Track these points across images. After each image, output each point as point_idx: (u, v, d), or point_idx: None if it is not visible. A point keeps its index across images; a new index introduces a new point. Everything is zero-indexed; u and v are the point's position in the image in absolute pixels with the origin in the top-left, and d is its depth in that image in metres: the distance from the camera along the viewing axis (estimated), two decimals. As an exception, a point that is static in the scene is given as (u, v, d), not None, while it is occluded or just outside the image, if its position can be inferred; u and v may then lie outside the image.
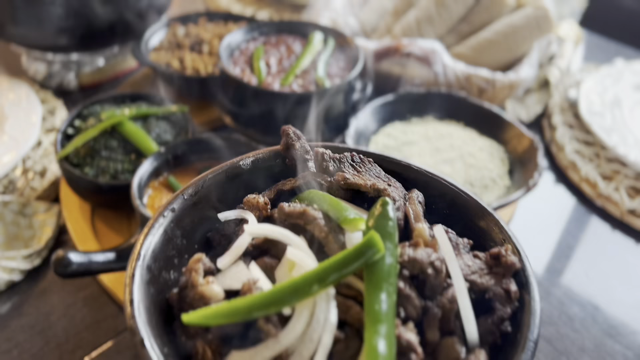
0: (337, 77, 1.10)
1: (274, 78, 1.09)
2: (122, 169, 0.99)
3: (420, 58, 1.20)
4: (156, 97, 1.13)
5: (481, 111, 1.15)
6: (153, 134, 1.04)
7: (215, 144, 0.97)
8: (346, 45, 1.17)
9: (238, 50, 1.16)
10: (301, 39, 1.21)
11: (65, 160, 1.00)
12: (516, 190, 0.98)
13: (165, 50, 1.35)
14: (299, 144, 0.57)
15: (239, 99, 1.08)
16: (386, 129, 1.14)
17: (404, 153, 1.05)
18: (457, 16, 1.33)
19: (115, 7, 1.28)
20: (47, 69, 1.39)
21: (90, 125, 1.04)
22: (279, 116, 1.05)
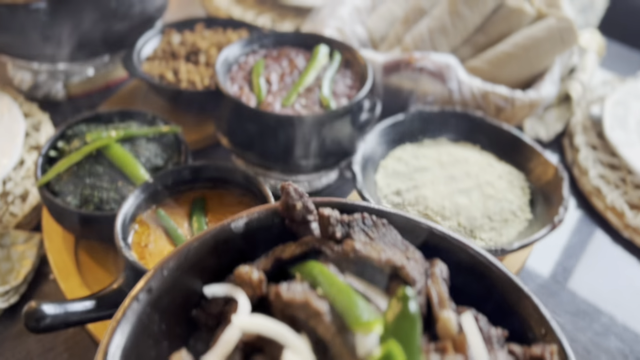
0: (343, 97, 1.01)
1: (275, 97, 1.00)
2: (108, 198, 0.90)
3: (434, 73, 1.11)
4: (147, 115, 1.05)
5: (500, 133, 1.06)
6: (142, 158, 0.95)
7: (210, 173, 0.89)
8: (354, 59, 1.08)
9: (236, 64, 1.07)
10: (305, 51, 1.12)
11: (45, 187, 0.92)
12: (539, 226, 0.89)
13: (159, 60, 1.26)
14: (301, 204, 0.49)
15: (237, 120, 0.99)
16: (396, 152, 1.05)
17: (416, 181, 0.96)
18: (472, 26, 1.24)
19: (105, 14, 1.19)
20: (33, 79, 1.30)
21: (74, 148, 0.95)
22: (279, 140, 0.96)
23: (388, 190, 0.97)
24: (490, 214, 0.92)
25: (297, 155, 0.97)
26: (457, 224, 0.90)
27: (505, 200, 0.94)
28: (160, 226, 0.84)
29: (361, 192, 0.89)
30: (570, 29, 1.16)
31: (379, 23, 1.37)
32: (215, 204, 0.88)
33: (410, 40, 1.24)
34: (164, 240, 0.82)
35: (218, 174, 0.89)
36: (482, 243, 0.89)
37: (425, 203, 0.92)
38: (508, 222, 0.92)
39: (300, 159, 0.98)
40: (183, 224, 0.85)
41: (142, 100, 1.30)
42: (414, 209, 0.92)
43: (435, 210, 0.91)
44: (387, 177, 0.99)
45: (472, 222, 0.90)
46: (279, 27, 1.56)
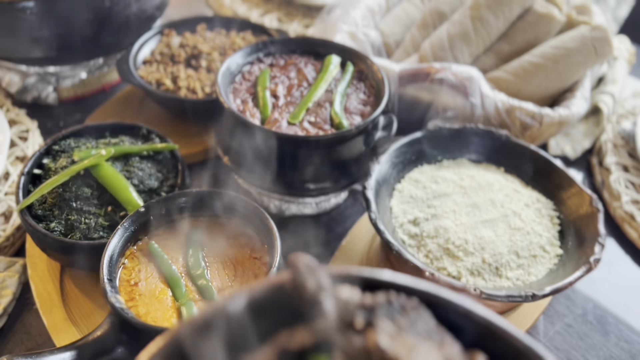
0: (356, 114, 0.92)
1: (281, 112, 0.91)
2: (96, 224, 0.82)
3: (455, 86, 1.02)
4: (141, 128, 0.96)
5: (527, 155, 0.96)
6: (135, 179, 0.87)
7: (208, 200, 0.80)
8: (368, 71, 0.98)
9: (240, 74, 0.98)
10: (314, 60, 1.03)
11: (27, 210, 0.83)
12: (572, 265, 0.81)
13: (157, 64, 1.17)
14: (313, 282, 0.40)
15: (239, 138, 0.90)
16: (413, 173, 0.96)
17: (436, 209, 0.87)
18: (496, 33, 1.14)
19: (98, 14, 1.09)
20: (21, 81, 1.21)
21: (61, 167, 0.87)
22: (285, 161, 0.87)
23: (404, 218, 0.88)
24: (518, 249, 0.83)
25: (305, 178, 0.89)
26: (482, 261, 0.81)
27: (534, 233, 0.86)
28: (153, 261, 0.76)
29: (376, 225, 0.80)
30: (605, 40, 1.06)
31: (394, 26, 1.27)
32: (214, 235, 0.80)
33: (428, 46, 1.14)
34: (156, 278, 0.74)
35: (217, 202, 0.80)
36: (509, 283, 0.80)
37: (446, 236, 0.83)
38: (537, 259, 0.84)
39: (308, 182, 0.89)
40: (178, 259, 0.76)
41: (138, 106, 1.21)
42: (433, 241, 0.83)
43: (457, 245, 0.82)
44: (403, 203, 0.91)
45: (498, 259, 0.81)
46: (286, 27, 1.47)
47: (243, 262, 0.76)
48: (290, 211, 1.01)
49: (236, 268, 0.75)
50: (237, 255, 0.77)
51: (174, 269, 0.74)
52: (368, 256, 0.94)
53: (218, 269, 0.75)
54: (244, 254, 0.77)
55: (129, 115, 1.19)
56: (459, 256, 0.82)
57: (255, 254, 0.77)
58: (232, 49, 1.20)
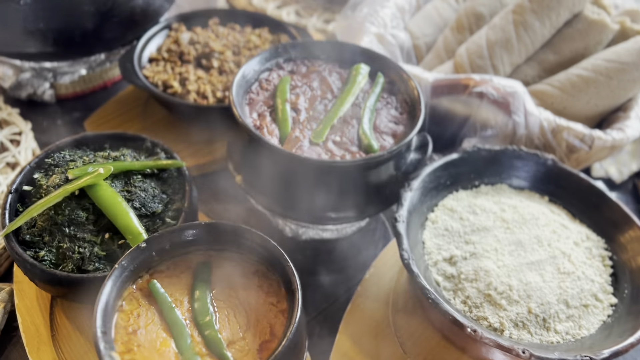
0: (388, 134, 0.81)
1: (303, 129, 0.81)
2: (91, 254, 0.72)
3: (498, 102, 0.91)
4: (145, 141, 0.86)
5: (575, 184, 0.86)
6: (137, 201, 0.77)
7: (218, 233, 0.70)
8: (400, 83, 0.87)
9: (257, 83, 0.87)
10: (340, 67, 0.92)
11: (14, 235, 0.73)
12: (630, 319, 0.71)
13: (164, 63, 1.06)
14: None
15: (254, 157, 0.80)
16: (447, 200, 0.86)
17: (475, 247, 0.77)
18: (541, 41, 1.03)
19: (100, 6, 0.98)
20: (15, 76, 1.11)
21: (53, 184, 0.77)
22: (307, 187, 0.77)
23: (439, 255, 0.78)
24: (568, 297, 0.73)
25: (327, 206, 0.79)
26: (528, 311, 0.71)
27: (585, 278, 0.76)
28: (154, 304, 0.66)
29: (409, 267, 0.70)
30: (666, 54, 0.95)
31: (424, 26, 1.16)
32: (223, 272, 0.70)
33: (464, 53, 1.03)
34: (158, 325, 0.64)
35: (228, 236, 0.70)
36: (558, 338, 0.71)
37: (487, 280, 0.73)
38: (588, 309, 0.74)
39: (330, 210, 0.79)
40: (183, 301, 0.67)
41: (142, 107, 1.11)
42: (473, 286, 0.74)
43: (500, 291, 0.72)
44: (437, 237, 0.80)
45: (546, 309, 0.72)
46: (304, 22, 1.35)
47: (257, 308, 0.66)
48: (307, 235, 0.92)
49: (249, 315, 0.66)
50: (250, 299, 0.67)
51: (177, 314, 0.64)
52: (395, 292, 0.85)
53: (228, 316, 0.65)
54: (259, 297, 0.67)
55: (131, 117, 1.08)
56: (501, 304, 0.72)
57: (271, 298, 0.67)
58: (247, 48, 1.09)
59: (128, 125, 1.06)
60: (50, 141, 1.10)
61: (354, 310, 0.82)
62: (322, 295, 0.87)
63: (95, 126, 1.06)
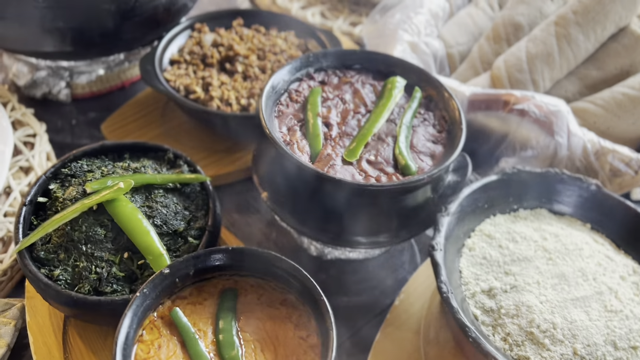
0: (425, 154, 0.76)
1: (335, 146, 0.76)
2: (109, 274, 0.68)
3: (540, 121, 0.86)
4: (167, 152, 0.81)
5: (621, 212, 0.81)
6: (158, 218, 0.72)
7: (246, 259, 0.66)
8: (439, 98, 0.82)
9: (286, 94, 0.82)
10: (373, 79, 0.87)
11: (27, 251, 0.69)
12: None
13: (186, 66, 1.01)
14: None
15: (283, 175, 0.75)
16: (485, 226, 0.81)
17: (516, 279, 0.72)
18: (584, 55, 0.97)
19: (122, 5, 0.93)
20: (31, 74, 1.06)
21: (70, 197, 0.73)
22: (338, 210, 0.72)
23: (477, 286, 0.73)
24: (616, 338, 0.68)
25: (358, 229, 0.74)
26: (573, 352, 0.66)
27: (634, 317, 0.71)
28: (176, 334, 0.62)
29: (449, 302, 0.66)
30: None
31: (458, 34, 1.10)
32: (249, 300, 0.65)
33: (502, 65, 0.98)
34: (180, 357, 0.60)
35: (256, 262, 0.65)
36: (605, 384, 0.66)
37: (529, 316, 0.68)
38: (637, 351, 0.69)
39: (361, 234, 0.74)
40: (206, 331, 0.62)
41: (161, 111, 1.06)
42: (514, 322, 0.69)
43: (543, 330, 0.68)
44: (475, 266, 0.76)
45: (592, 351, 0.67)
46: (330, 24, 1.30)
47: (286, 342, 0.62)
48: (332, 255, 0.87)
49: (277, 350, 0.61)
50: (278, 332, 0.63)
51: (201, 347, 0.60)
52: (426, 320, 0.80)
53: (255, 350, 0.61)
54: (287, 330, 0.63)
55: (150, 121, 1.04)
56: (544, 344, 0.67)
57: (301, 331, 0.63)
58: (272, 52, 1.04)
59: (146, 130, 1.01)
60: (64, 141, 1.06)
61: (383, 339, 0.77)
62: (347, 321, 0.82)
63: (111, 130, 1.01)
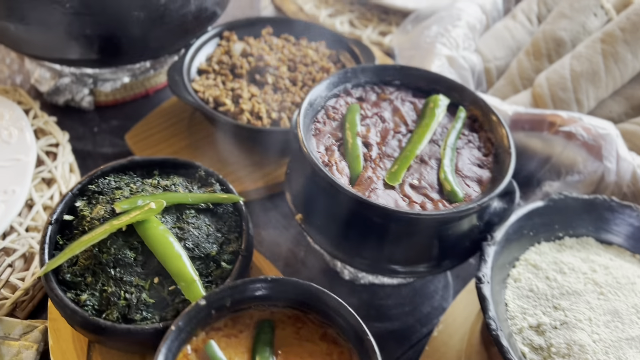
0: (471, 179, 0.72)
1: (375, 169, 0.72)
2: (139, 301, 0.64)
3: (588, 145, 0.82)
4: (199, 169, 0.77)
5: (674, 243, 0.76)
6: (189, 240, 0.69)
7: (284, 290, 0.62)
8: (484, 119, 0.78)
9: (323, 111, 0.79)
10: (413, 95, 0.83)
11: (53, 274, 0.66)
12: None
13: (215, 76, 0.98)
14: None
15: (320, 198, 0.71)
16: (529, 254, 0.76)
17: (566, 315, 0.68)
18: (631, 74, 0.93)
19: (151, 12, 0.90)
20: (54, 80, 1.03)
21: (98, 217, 0.69)
22: (375, 235, 0.68)
23: (524, 321, 0.69)
24: (674, 383, 0.64)
25: (397, 257, 0.70)
26: (629, 398, 0.62)
27: (693, 359, 0.66)
28: (211, 370, 0.58)
29: (498, 342, 0.62)
30: None
31: (496, 48, 1.06)
32: (287, 333, 0.62)
33: (545, 83, 0.94)
34: (215, 396, 0.56)
35: (297, 294, 0.62)
36: None
37: (582, 356, 0.64)
38: (697, 397, 0.65)
39: (400, 263, 0.70)
40: (242, 367, 0.59)
41: (187, 121, 1.03)
42: (565, 363, 0.65)
43: (598, 372, 0.63)
44: (521, 298, 0.72)
45: (650, 396, 0.63)
46: (359, 33, 1.26)
47: (326, 381, 0.58)
48: (366, 279, 0.83)
49: (318, 390, 0.58)
50: (318, 369, 0.59)
51: (237, 384, 0.56)
52: (467, 354, 0.76)
53: (294, 390, 0.57)
54: (328, 367, 0.59)
55: (175, 132, 1.00)
56: (598, 388, 0.63)
57: (343, 369, 0.59)
58: (303, 64, 1.01)
59: (172, 142, 0.98)
60: (85, 149, 1.03)
61: (422, 374, 0.74)
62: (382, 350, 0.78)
63: (136, 140, 0.98)
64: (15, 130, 0.89)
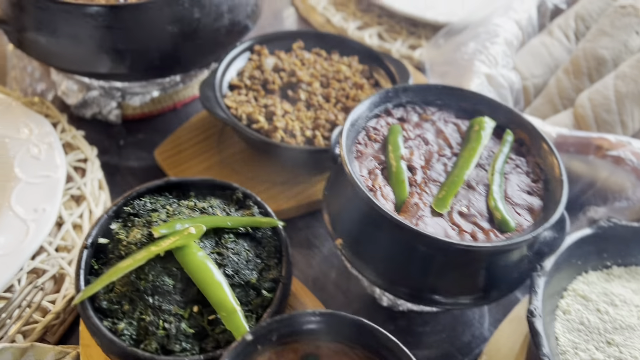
0: (521, 206, 0.70)
1: (421, 194, 0.69)
2: (178, 331, 0.62)
3: (637, 170, 0.79)
4: (236, 191, 0.75)
5: None
6: (229, 267, 0.66)
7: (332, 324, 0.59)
8: (531, 143, 0.76)
9: (364, 132, 0.76)
10: (456, 116, 0.80)
11: (90, 301, 0.64)
12: None
13: (246, 91, 0.95)
14: None
15: (364, 223, 0.69)
16: (577, 284, 0.74)
17: (621, 351, 0.65)
18: (677, 96, 0.90)
19: (185, 27, 0.88)
20: (81, 92, 1.01)
21: (135, 241, 0.67)
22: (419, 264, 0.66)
23: (576, 357, 0.66)
24: None
25: (440, 288, 0.67)
26: None
27: None
28: (256, 408, 0.55)
29: (556, 381, 0.59)
30: None
31: (533, 66, 1.03)
32: (334, 370, 0.59)
33: (587, 104, 0.91)
34: None
35: (345, 328, 0.59)
36: None
37: (641, 398, 0.61)
38: None
39: (443, 294, 0.68)
40: (289, 406, 0.56)
41: (217, 137, 1.00)
42: (623, 404, 0.62)
43: (658, 416, 0.61)
44: (572, 332, 0.69)
45: None
46: (388, 46, 1.24)
47: (377, 421, 0.56)
48: (405, 306, 0.80)
49: None
50: (368, 409, 0.56)
51: None
52: (512, 389, 0.73)
53: None
54: (378, 407, 0.56)
55: (206, 148, 0.98)
56: None
57: (393, 409, 0.56)
58: (336, 79, 0.98)
59: (203, 158, 0.95)
60: (110, 162, 1.01)
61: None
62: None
63: (166, 156, 0.96)
64: (44, 145, 0.87)
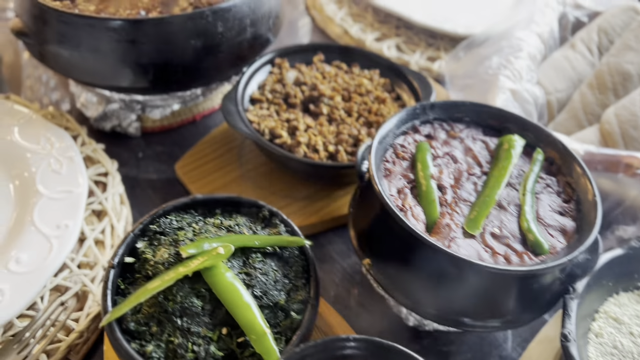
0: (554, 227, 0.69)
1: (452, 215, 0.68)
2: (207, 354, 0.61)
3: (668, 191, 0.77)
4: (262, 209, 0.74)
5: None
6: (257, 288, 0.65)
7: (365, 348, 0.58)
8: (561, 161, 0.75)
9: (391, 149, 0.75)
10: (484, 134, 0.79)
11: (117, 323, 0.63)
12: None
13: (268, 105, 0.95)
14: None
15: (394, 245, 0.68)
16: (609, 306, 0.72)
17: (657, 377, 0.64)
18: None
19: (208, 41, 0.87)
20: (101, 106, 1.01)
21: (162, 260, 0.66)
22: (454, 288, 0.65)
23: (611, 382, 0.65)
24: None
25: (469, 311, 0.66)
26: None
27: None
28: None
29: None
30: None
31: (556, 80, 1.02)
32: (368, 395, 0.58)
33: (614, 120, 0.90)
34: None
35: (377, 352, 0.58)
36: None
37: None
38: None
39: (471, 317, 0.66)
40: None
41: (238, 150, 1.00)
42: None
43: None
44: (605, 355, 0.67)
45: None
46: (407, 58, 1.23)
47: None
48: (431, 326, 0.79)
49: None
50: None
51: None
52: (542, 413, 0.72)
53: None
54: None
55: (227, 162, 0.97)
56: None
57: None
58: (358, 93, 0.97)
59: (224, 172, 0.95)
60: (129, 175, 1.00)
61: None
62: (450, 403, 0.75)
63: (186, 170, 0.95)
64: (65, 159, 0.86)
